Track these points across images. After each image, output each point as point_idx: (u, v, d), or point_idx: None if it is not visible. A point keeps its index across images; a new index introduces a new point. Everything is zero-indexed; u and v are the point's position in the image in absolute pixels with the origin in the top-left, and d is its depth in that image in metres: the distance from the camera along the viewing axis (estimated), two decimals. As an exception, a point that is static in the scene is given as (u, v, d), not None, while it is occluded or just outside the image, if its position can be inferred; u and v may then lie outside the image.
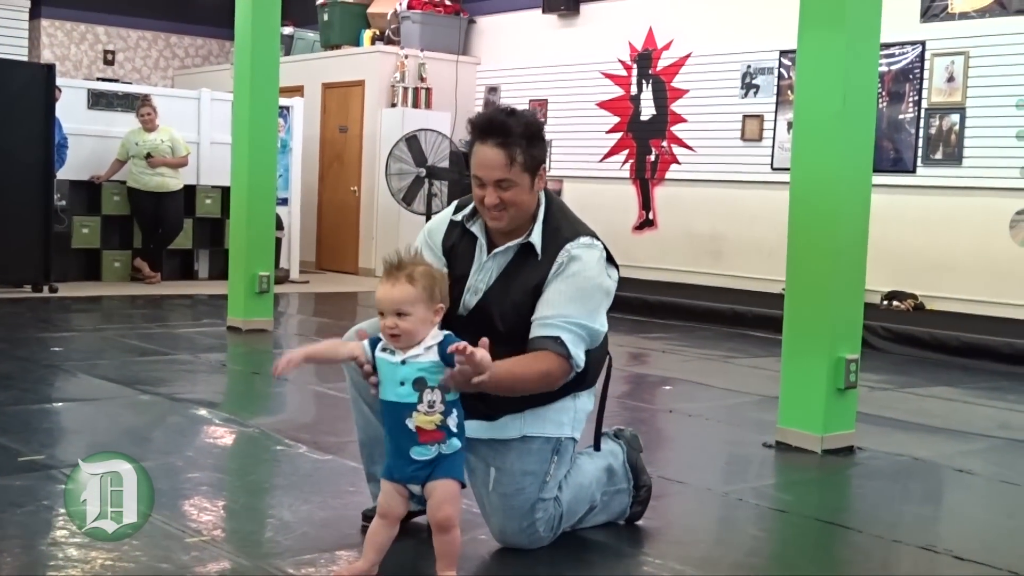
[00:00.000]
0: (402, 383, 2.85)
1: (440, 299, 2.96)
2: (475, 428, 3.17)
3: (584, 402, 3.47)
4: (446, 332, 2.92)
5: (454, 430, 2.90)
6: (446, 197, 11.89)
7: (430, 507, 2.93)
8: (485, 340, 2.85)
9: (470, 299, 3.33)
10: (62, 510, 3.59)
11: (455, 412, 2.90)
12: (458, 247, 3.38)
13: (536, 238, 3.29)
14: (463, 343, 2.77)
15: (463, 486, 3.00)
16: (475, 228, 3.35)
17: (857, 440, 5.01)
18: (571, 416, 3.39)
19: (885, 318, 8.47)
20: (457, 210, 3.44)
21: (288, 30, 13.47)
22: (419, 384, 2.84)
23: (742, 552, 3.70)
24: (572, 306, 3.22)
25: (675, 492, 4.37)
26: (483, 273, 3.33)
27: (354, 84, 13.19)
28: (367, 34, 13.53)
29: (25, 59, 10.79)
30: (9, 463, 4.14)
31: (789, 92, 9.77)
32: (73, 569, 3.07)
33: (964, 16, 9.18)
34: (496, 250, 3.33)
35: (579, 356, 3.20)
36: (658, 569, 3.28)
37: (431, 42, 13.18)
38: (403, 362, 2.86)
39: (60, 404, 5.56)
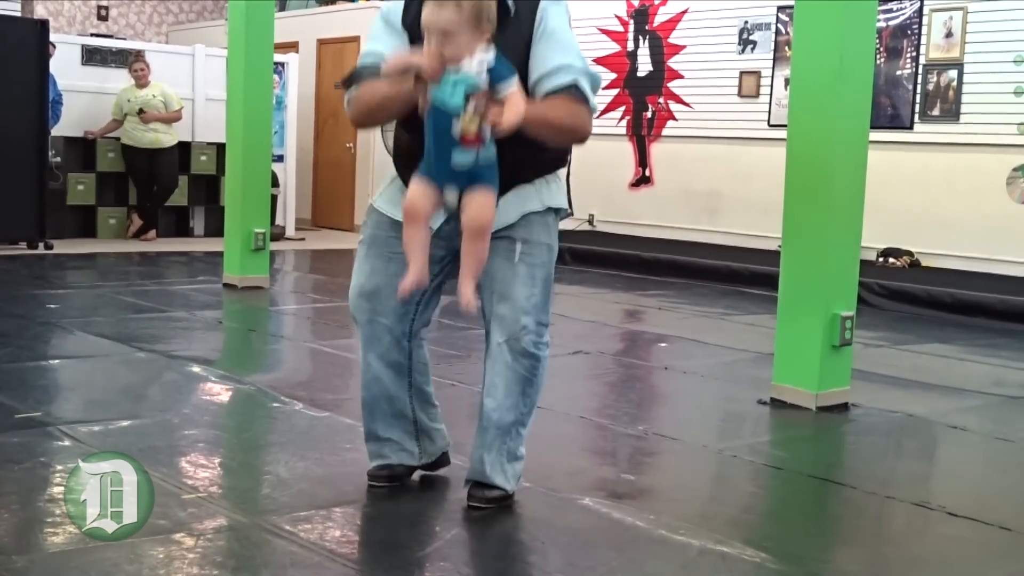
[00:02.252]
0: (453, 89, 2.91)
1: (488, 24, 2.97)
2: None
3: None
4: (497, 54, 2.96)
5: (489, 139, 2.97)
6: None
7: (470, 212, 3.03)
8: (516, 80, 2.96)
9: None
10: (59, 466, 3.61)
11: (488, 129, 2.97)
12: (413, 32, 3.13)
13: None
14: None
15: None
16: None
17: (852, 397, 5.03)
18: (563, 187, 3.48)
19: (881, 275, 8.49)
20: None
21: (283, -15, 13.39)
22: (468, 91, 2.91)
23: (737, 508, 3.72)
24: (571, 55, 3.17)
25: (670, 449, 4.39)
26: None
27: (349, 40, 13.11)
28: (363, -13, 13.47)
29: (18, 14, 10.68)
30: (6, 420, 4.14)
31: (787, 48, 9.73)
32: (70, 525, 3.07)
33: (963, -29, 9.14)
34: None
35: (593, 101, 3.22)
36: (653, 525, 3.28)
37: (427, -3, 13.07)
38: (456, 71, 2.92)
39: (56, 361, 5.57)
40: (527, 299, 3.22)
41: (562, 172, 3.51)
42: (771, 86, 10.37)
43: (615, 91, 11.72)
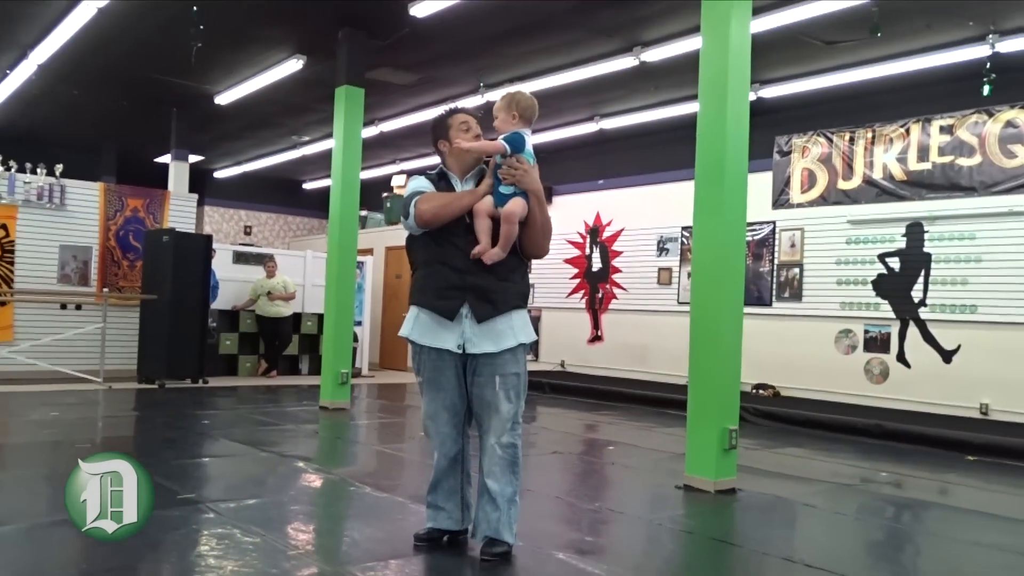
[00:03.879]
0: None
1: (517, 111, 3.33)
2: (485, 344, 3.21)
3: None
4: (518, 132, 3.31)
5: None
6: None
7: (506, 207, 3.22)
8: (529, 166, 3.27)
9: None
10: (205, 532, 3.54)
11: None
12: (438, 186, 3.36)
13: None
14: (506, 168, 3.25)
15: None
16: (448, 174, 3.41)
17: (738, 484, 4.94)
18: (531, 326, 3.36)
19: (754, 401, 8.43)
20: (429, 175, 3.43)
21: (363, 212, 13.65)
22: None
23: (662, 561, 3.63)
24: None
25: (616, 519, 4.30)
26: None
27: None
28: (414, 215, 13.69)
29: (193, 231, 10.88)
30: (171, 499, 4.07)
31: (688, 253, 9.88)
32: (211, 573, 2.99)
33: (800, 205, 9.34)
34: (466, 178, 3.39)
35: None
36: (605, 573, 3.20)
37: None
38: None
39: (207, 459, 5.49)
40: (507, 412, 3.24)
41: (524, 314, 3.36)
42: (679, 277, 10.49)
43: (577, 280, 11.84)
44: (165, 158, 12.66)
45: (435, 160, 3.55)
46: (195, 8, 7.36)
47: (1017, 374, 7.54)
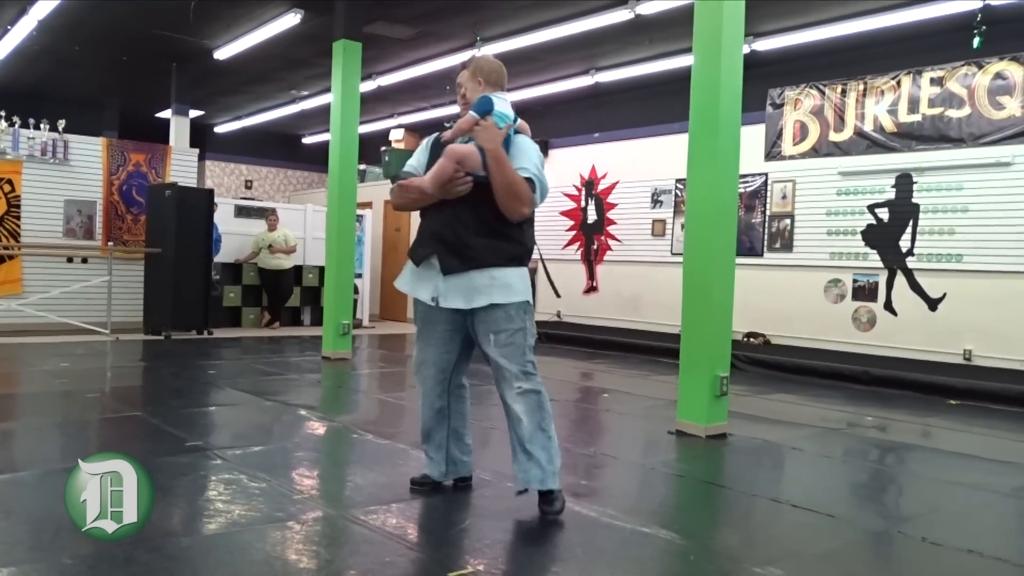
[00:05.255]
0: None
1: (481, 76, 3.27)
2: (455, 299, 3.14)
3: (526, 276, 3.24)
4: (486, 96, 3.23)
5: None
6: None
7: (450, 148, 3.18)
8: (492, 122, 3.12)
9: None
10: (213, 477, 3.57)
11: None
12: (436, 154, 3.28)
13: None
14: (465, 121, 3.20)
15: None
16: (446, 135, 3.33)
17: (728, 429, 5.00)
18: (525, 285, 3.20)
19: (745, 349, 8.48)
20: (431, 144, 3.41)
21: (362, 166, 13.54)
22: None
23: (655, 503, 3.68)
24: (523, 159, 3.13)
25: (611, 464, 4.35)
26: None
27: (404, 201, 13.25)
28: (413, 169, 13.61)
29: (195, 185, 10.81)
30: (179, 447, 4.10)
31: (682, 205, 9.85)
32: (220, 517, 3.03)
33: (792, 157, 9.28)
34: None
35: (538, 194, 3.13)
36: (600, 515, 3.24)
37: (453, 174, 13.25)
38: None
39: (213, 408, 5.53)
40: (510, 368, 3.16)
41: (524, 272, 3.23)
42: (672, 229, 10.47)
43: (574, 232, 11.81)
44: (166, 113, 12.52)
45: (434, 113, 3.57)
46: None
47: (1000, 321, 7.57)
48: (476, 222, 3.12)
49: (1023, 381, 6.66)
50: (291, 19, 8.67)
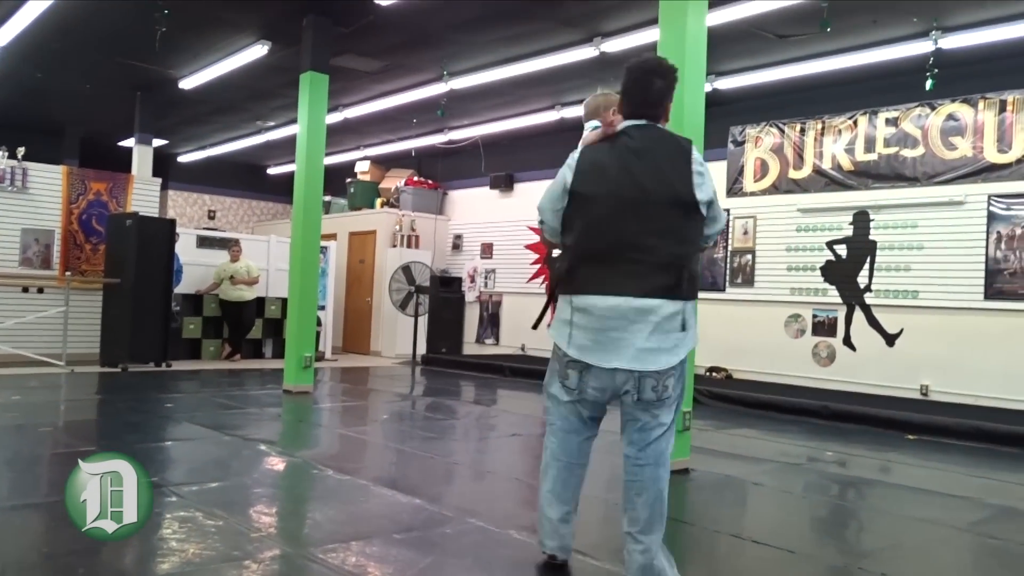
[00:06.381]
0: None
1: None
2: None
3: (559, 307, 2.84)
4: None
5: None
6: (427, 306, 11.88)
7: None
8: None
9: None
10: (168, 515, 3.48)
11: None
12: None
13: None
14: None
15: None
16: None
17: (691, 464, 5.00)
18: (555, 319, 2.87)
19: (708, 384, 8.52)
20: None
21: (327, 198, 13.50)
22: None
23: (617, 540, 3.64)
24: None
25: (574, 499, 4.31)
26: None
27: (369, 232, 13.21)
28: (378, 201, 13.60)
29: (157, 215, 10.69)
30: (133, 483, 3.99)
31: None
32: (173, 556, 2.95)
33: (753, 194, 9.43)
34: None
35: (544, 224, 2.89)
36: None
37: (419, 206, 13.28)
38: None
39: (170, 442, 5.41)
40: None
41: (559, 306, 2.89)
42: (636, 263, 10.52)
43: (538, 266, 11.84)
44: (129, 142, 12.39)
45: (401, 146, 3.52)
46: (158, -8, 7.19)
47: (955, 357, 7.71)
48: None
49: (978, 416, 6.77)
50: (259, 50, 8.66)
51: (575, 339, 2.73)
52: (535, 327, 3.55)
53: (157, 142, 12.61)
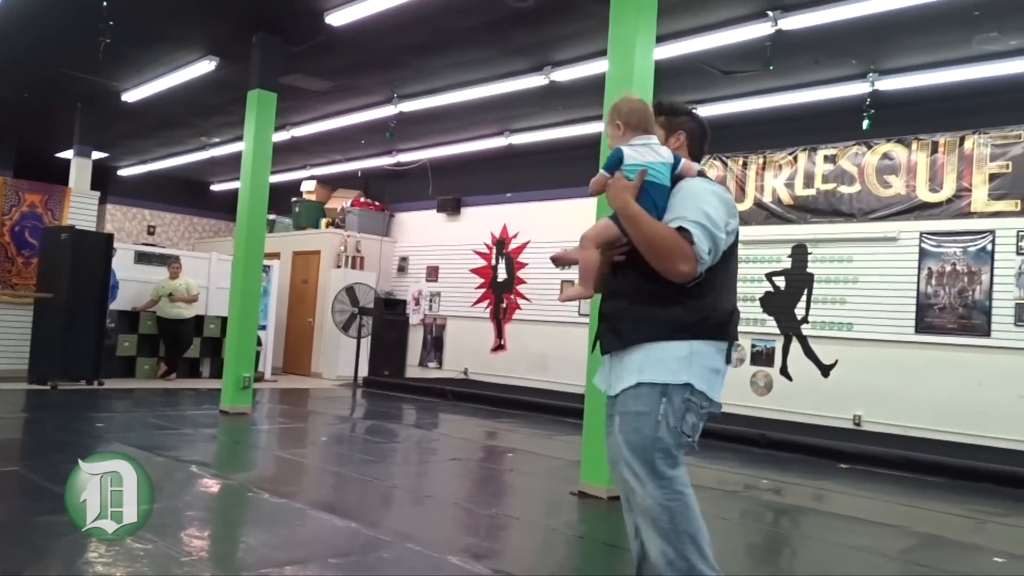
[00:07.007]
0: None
1: (620, 119, 2.53)
2: (614, 384, 2.53)
3: (703, 352, 2.43)
4: (617, 147, 2.50)
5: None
6: (371, 328, 11.79)
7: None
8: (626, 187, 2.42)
9: None
10: (95, 539, 3.37)
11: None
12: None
13: None
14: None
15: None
16: None
17: (630, 490, 5.02)
18: (683, 363, 2.41)
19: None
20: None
21: (272, 216, 13.34)
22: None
23: (554, 564, 3.66)
24: (682, 208, 2.39)
25: (512, 524, 4.31)
26: None
27: (313, 252, 13.09)
28: (324, 221, 13.49)
29: (94, 229, 10.43)
30: (58, 505, 3.83)
31: (590, 267, 9.98)
32: (98, 580, 2.86)
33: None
34: None
35: (702, 245, 2.33)
36: (499, 575, 3.20)
37: (365, 227, 13.21)
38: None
39: (99, 462, 5.24)
40: (633, 464, 2.56)
41: (703, 345, 2.47)
42: (581, 290, 10.61)
43: (483, 290, 11.86)
44: (67, 153, 12.09)
45: (348, 166, 3.46)
46: (105, 2, 7.06)
47: (887, 388, 7.93)
48: (635, 289, 2.48)
49: (908, 446, 6.96)
50: (206, 65, 8.56)
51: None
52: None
53: (97, 155, 12.33)
